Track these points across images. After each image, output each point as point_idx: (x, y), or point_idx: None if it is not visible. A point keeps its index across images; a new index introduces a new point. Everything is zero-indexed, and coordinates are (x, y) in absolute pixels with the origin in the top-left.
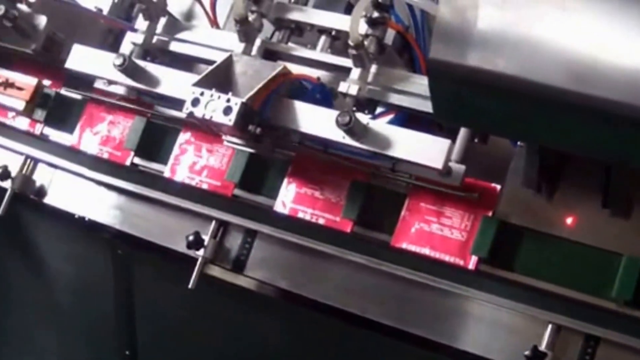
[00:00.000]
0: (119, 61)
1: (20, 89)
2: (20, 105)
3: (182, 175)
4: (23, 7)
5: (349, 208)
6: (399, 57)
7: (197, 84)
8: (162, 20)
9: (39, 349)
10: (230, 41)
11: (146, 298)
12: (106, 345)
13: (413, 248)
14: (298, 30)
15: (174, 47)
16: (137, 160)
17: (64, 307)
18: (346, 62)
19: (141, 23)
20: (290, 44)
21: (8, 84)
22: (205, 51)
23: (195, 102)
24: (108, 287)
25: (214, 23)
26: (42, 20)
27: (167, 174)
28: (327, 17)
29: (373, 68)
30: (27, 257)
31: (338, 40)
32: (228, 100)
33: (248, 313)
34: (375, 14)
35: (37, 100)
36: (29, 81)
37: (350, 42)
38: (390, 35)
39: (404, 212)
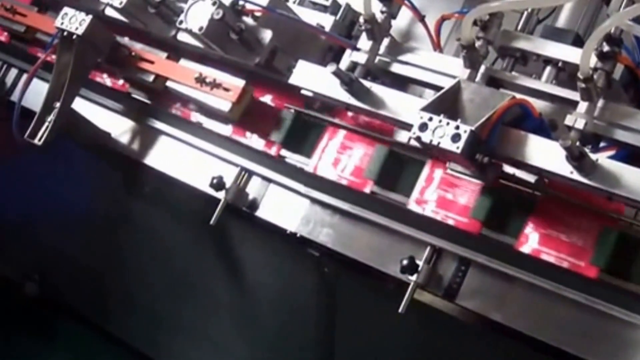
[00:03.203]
0: (345, 80)
1: (227, 90)
2: (227, 106)
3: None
4: (249, 20)
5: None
6: (625, 93)
7: (425, 108)
8: (385, 41)
9: (230, 355)
10: (454, 66)
11: (348, 318)
12: None
13: None
14: (522, 59)
15: (396, 68)
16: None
17: (262, 320)
18: (571, 94)
19: (364, 42)
20: (514, 73)
21: (215, 85)
22: (428, 75)
23: (423, 127)
24: (310, 304)
25: (437, 46)
26: (267, 35)
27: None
28: (555, 48)
29: (600, 102)
30: (231, 265)
31: (563, 72)
32: (457, 128)
33: (455, 342)
34: (607, 48)
35: (245, 103)
36: (236, 82)
37: (580, 75)
38: (617, 70)
39: None
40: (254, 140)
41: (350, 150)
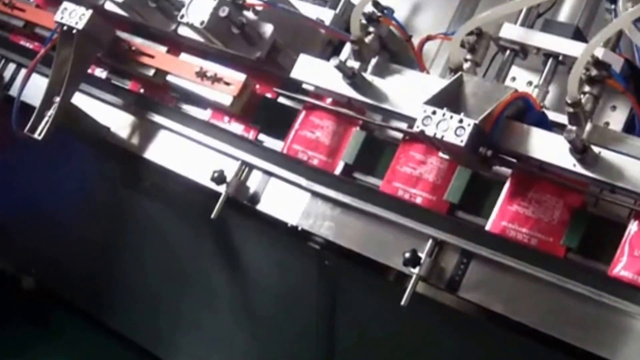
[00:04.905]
0: (348, 74)
1: (228, 84)
2: (227, 100)
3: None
4: (249, 14)
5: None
6: None
7: (428, 102)
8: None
9: (230, 349)
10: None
11: (349, 311)
12: (302, 355)
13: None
14: (522, 53)
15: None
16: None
17: (263, 313)
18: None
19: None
20: None
21: (216, 79)
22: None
23: (427, 120)
24: (310, 298)
25: (423, 69)
26: (268, 29)
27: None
28: (556, 42)
29: (588, 126)
30: (231, 259)
31: (563, 65)
32: (460, 121)
33: (456, 335)
34: (595, 72)
35: (246, 97)
36: (237, 77)
37: (568, 100)
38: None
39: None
40: (233, 125)
41: (320, 129)
